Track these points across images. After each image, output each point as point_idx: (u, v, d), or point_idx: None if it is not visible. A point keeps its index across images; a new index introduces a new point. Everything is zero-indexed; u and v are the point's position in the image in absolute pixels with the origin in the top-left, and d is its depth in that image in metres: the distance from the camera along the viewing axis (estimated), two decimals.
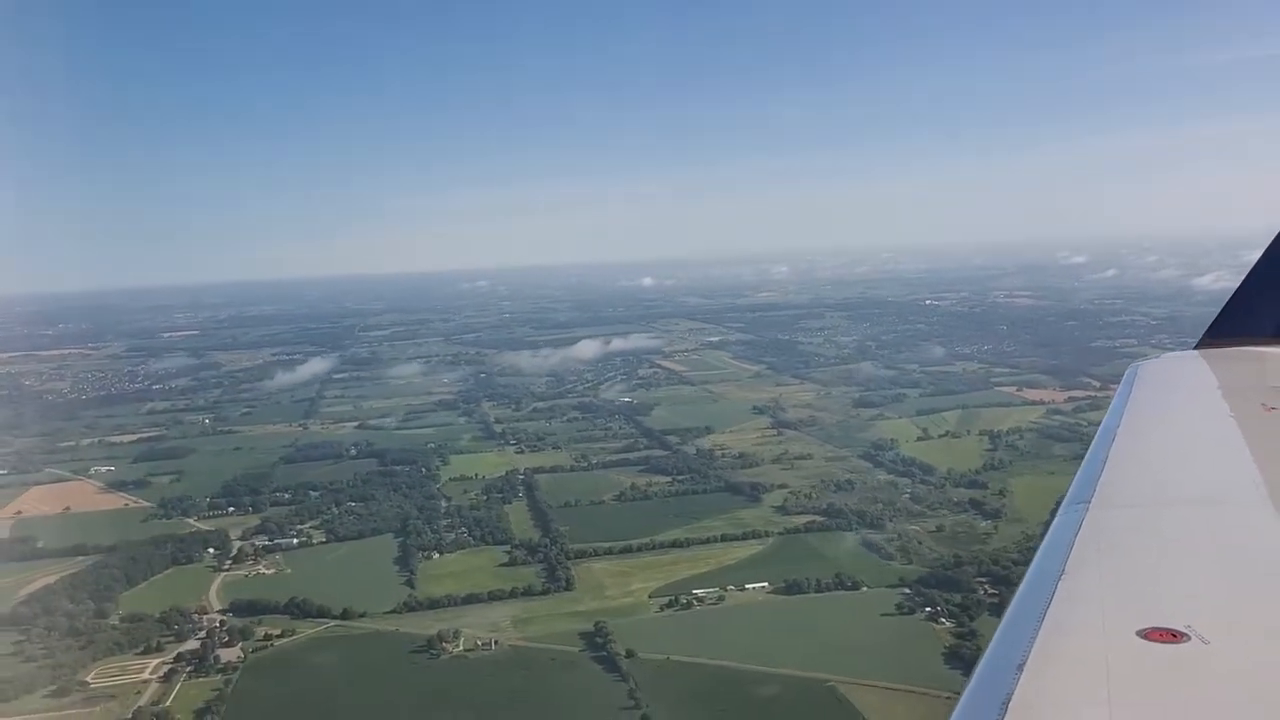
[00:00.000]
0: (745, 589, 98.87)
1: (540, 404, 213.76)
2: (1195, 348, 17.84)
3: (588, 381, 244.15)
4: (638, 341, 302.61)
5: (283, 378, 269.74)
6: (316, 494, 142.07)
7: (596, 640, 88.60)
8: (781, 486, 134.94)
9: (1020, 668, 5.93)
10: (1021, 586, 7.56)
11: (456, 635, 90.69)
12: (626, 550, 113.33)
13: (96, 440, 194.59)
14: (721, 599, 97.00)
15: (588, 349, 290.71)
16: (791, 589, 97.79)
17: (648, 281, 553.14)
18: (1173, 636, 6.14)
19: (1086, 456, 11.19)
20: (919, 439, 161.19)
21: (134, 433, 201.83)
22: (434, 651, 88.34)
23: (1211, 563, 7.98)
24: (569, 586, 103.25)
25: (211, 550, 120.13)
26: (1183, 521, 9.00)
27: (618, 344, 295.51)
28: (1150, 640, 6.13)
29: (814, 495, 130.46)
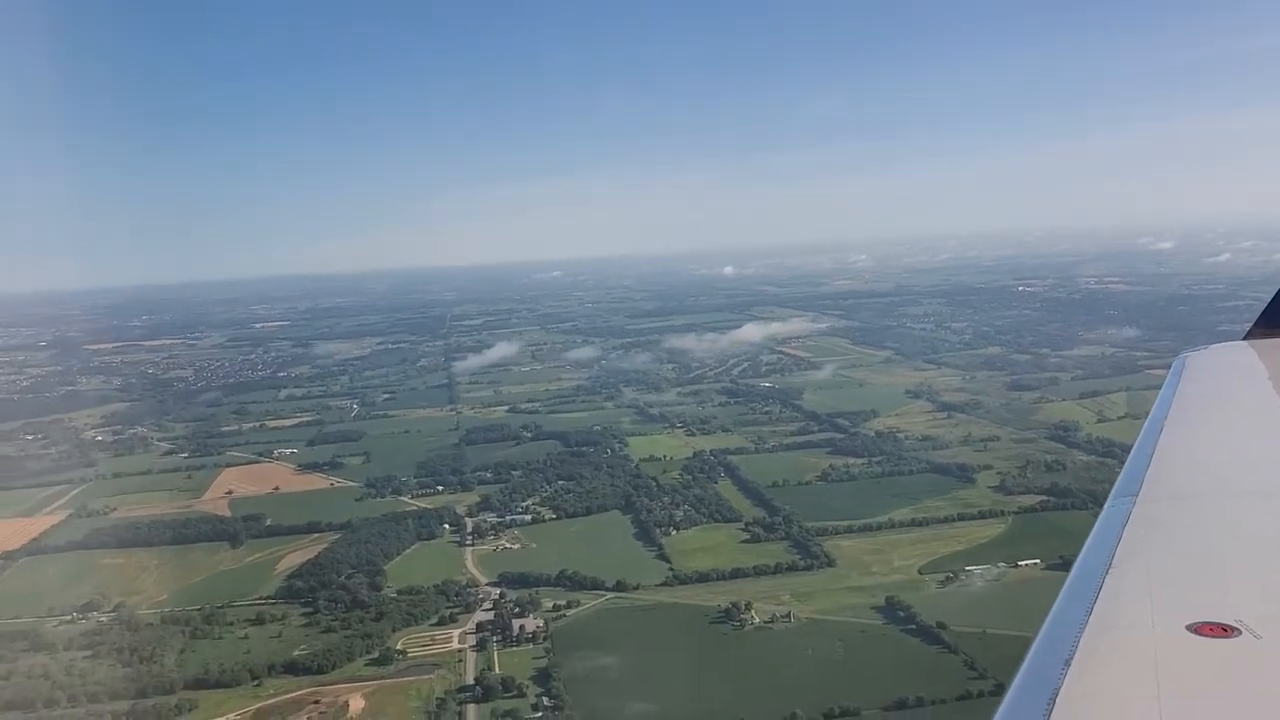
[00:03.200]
0: (1018, 565, 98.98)
1: (680, 389, 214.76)
2: (1244, 338, 17.82)
3: (713, 367, 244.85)
4: (747, 329, 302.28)
5: (418, 363, 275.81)
6: (518, 473, 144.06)
7: (897, 614, 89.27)
8: (986, 468, 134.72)
9: (1067, 663, 5.86)
10: (1068, 580, 7.49)
11: (749, 607, 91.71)
12: (866, 529, 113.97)
13: (256, 425, 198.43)
14: (1001, 575, 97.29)
15: (699, 336, 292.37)
16: (1069, 565, 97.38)
17: (729, 270, 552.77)
18: (1224, 631, 6.04)
19: (1133, 448, 11.03)
20: (1098, 421, 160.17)
21: (287, 418, 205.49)
22: (735, 623, 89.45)
23: (1263, 556, 7.85)
24: (831, 563, 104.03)
25: (447, 526, 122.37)
26: (1233, 514, 8.86)
27: (730, 332, 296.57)
28: (1201, 635, 6.04)
29: (1027, 475, 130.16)
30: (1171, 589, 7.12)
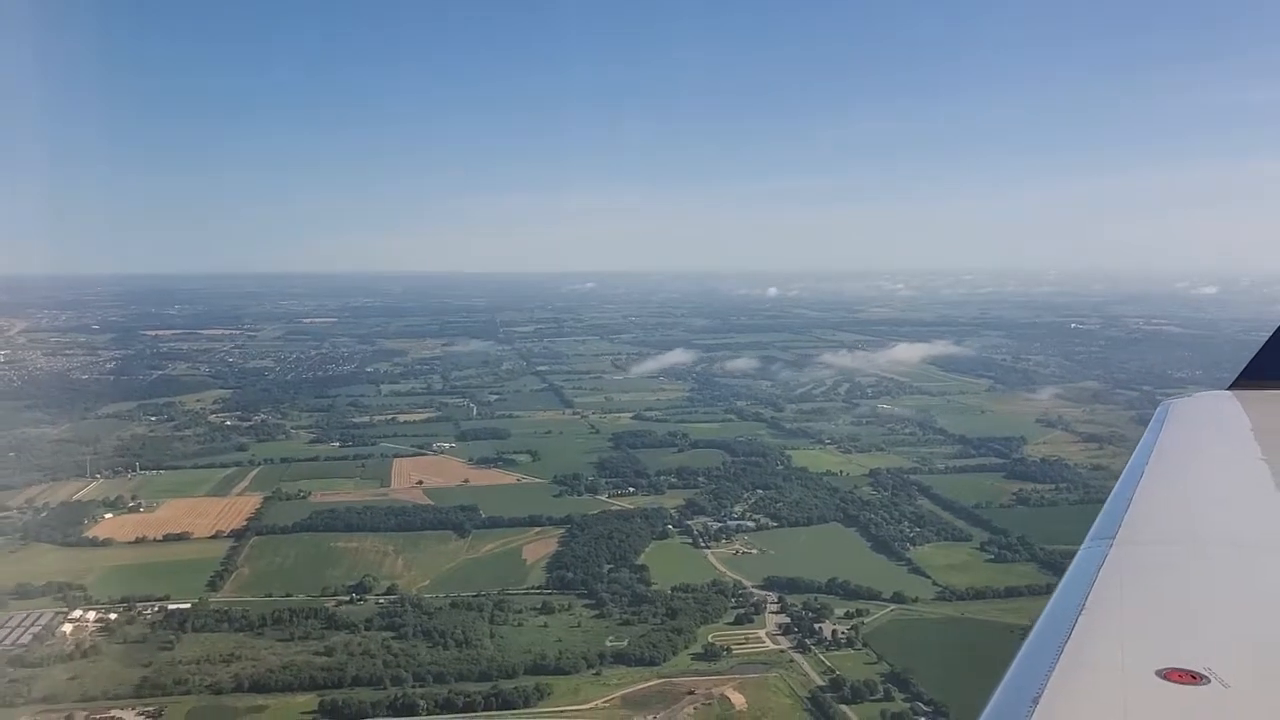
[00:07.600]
0: None
1: (796, 406, 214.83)
2: (1229, 388, 17.94)
3: (813, 385, 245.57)
4: (825, 352, 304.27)
5: (501, 366, 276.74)
6: (703, 479, 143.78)
7: None
8: None
9: (1035, 701, 5.90)
10: (1040, 620, 7.50)
11: None
12: None
13: (388, 418, 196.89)
14: None
15: (778, 354, 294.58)
16: None
17: (773, 292, 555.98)
18: (1193, 678, 6.09)
19: (1112, 493, 11.15)
20: None
21: (412, 413, 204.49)
22: None
23: (1236, 605, 7.94)
24: None
25: (671, 527, 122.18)
26: (1208, 562, 8.94)
27: (808, 351, 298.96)
28: (1170, 681, 6.09)
29: None
30: (1143, 634, 7.12)
